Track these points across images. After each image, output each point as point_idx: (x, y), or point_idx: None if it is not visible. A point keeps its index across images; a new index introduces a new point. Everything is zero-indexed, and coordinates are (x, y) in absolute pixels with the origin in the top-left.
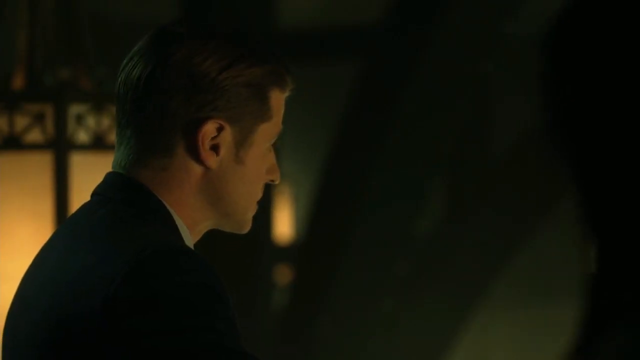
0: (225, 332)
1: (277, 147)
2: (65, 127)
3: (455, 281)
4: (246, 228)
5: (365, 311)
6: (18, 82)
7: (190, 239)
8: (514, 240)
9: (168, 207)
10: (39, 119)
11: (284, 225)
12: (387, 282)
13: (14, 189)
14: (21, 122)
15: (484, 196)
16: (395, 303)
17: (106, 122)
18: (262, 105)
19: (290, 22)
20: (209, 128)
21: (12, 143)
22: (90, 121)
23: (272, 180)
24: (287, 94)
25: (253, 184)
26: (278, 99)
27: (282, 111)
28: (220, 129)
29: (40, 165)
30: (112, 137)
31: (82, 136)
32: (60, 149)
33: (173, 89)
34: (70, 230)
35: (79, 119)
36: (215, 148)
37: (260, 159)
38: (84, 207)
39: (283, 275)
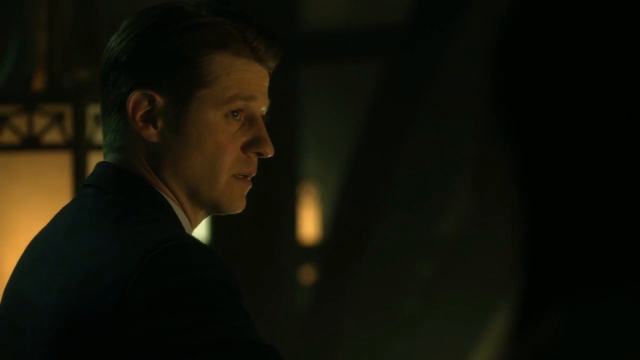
0: (241, 324)
1: (266, 121)
2: (84, 127)
3: (478, 281)
4: (231, 206)
5: (389, 311)
6: (37, 83)
7: (187, 223)
8: None
9: (161, 193)
10: (57, 119)
11: (309, 225)
12: (410, 282)
13: (33, 189)
14: (40, 122)
15: (507, 196)
16: (419, 303)
17: None
18: (193, 70)
19: (315, 23)
20: (136, 99)
21: (31, 143)
22: None
23: (260, 154)
24: (246, 55)
25: (208, 154)
26: (224, 62)
27: (239, 74)
28: (151, 101)
29: (59, 166)
30: None
31: (101, 136)
32: (79, 149)
33: (112, 67)
34: (70, 226)
35: (98, 119)
36: (151, 120)
37: (210, 127)
38: (79, 201)
39: (308, 274)
